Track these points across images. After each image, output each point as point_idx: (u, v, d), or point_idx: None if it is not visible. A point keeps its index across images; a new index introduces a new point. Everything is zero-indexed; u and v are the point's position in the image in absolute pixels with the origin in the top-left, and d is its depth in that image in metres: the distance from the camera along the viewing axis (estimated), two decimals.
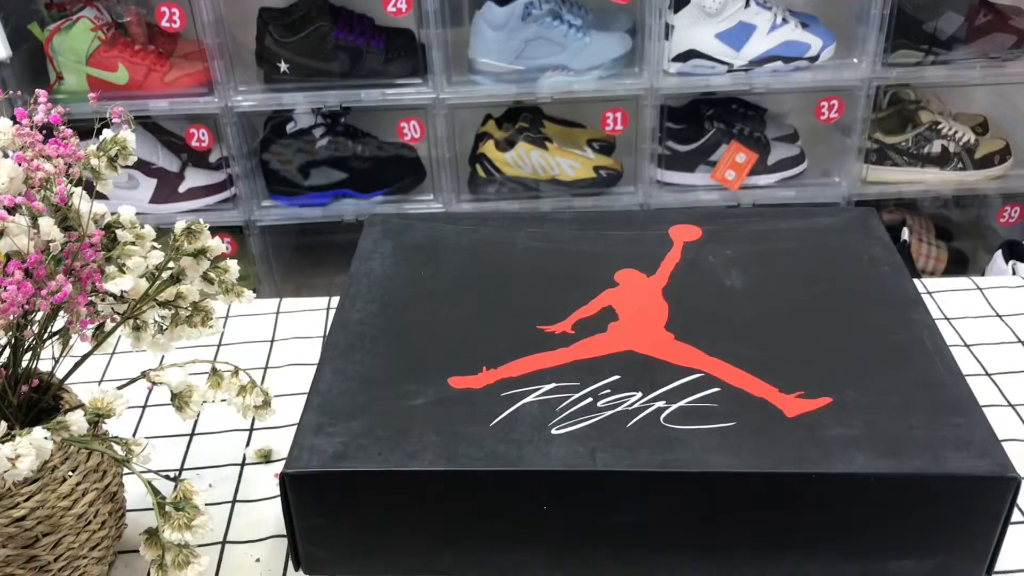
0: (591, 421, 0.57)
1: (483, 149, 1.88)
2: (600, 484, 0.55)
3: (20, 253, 0.55)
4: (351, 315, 0.68)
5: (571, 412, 0.58)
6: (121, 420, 0.72)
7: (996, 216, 2.00)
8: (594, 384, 0.60)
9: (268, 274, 2.00)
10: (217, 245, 0.64)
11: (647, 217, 0.84)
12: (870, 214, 0.77)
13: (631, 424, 0.57)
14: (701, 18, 1.73)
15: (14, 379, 0.61)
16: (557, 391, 0.59)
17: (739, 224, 0.76)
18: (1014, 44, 1.78)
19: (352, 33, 1.78)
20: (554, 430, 0.57)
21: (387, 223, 0.78)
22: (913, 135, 1.88)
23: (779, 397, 0.59)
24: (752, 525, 0.56)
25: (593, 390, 0.59)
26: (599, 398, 0.59)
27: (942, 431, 0.56)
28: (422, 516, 0.58)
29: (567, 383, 0.60)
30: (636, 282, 0.69)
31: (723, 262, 0.71)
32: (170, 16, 1.72)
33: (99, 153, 0.60)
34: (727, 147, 1.87)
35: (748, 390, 0.59)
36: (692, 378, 0.60)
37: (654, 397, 0.59)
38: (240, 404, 0.67)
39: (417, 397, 0.60)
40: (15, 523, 0.58)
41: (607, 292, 0.68)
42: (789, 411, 0.58)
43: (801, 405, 0.58)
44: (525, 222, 0.78)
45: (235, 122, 1.80)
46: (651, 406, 0.58)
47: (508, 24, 1.74)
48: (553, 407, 0.58)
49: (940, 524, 0.55)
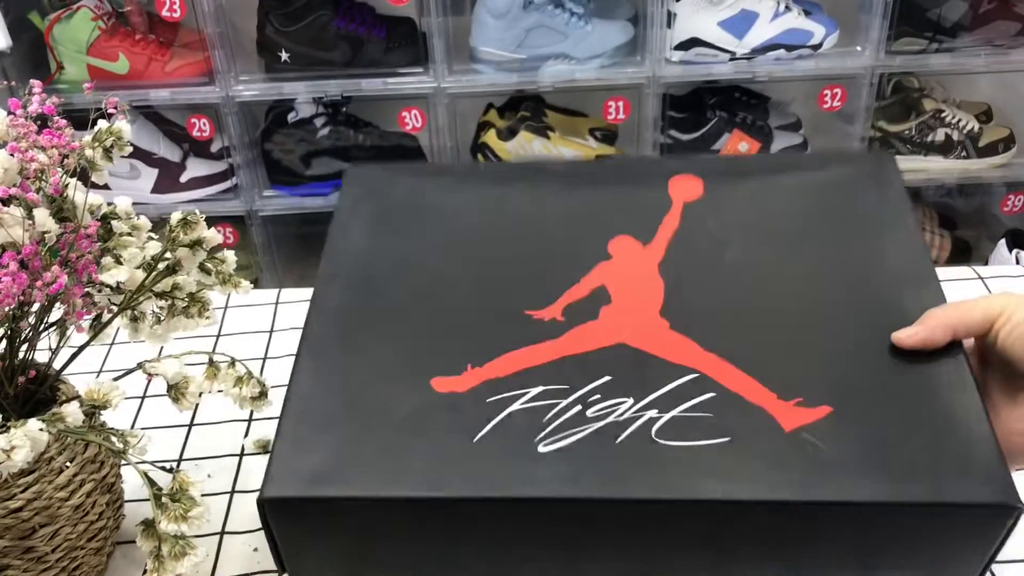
0: (580, 435, 0.55)
1: (485, 138, 1.88)
2: (588, 512, 0.54)
3: (15, 244, 0.55)
4: (329, 301, 0.65)
5: (559, 424, 0.56)
6: (120, 410, 0.73)
7: (1000, 205, 1.99)
8: (584, 387, 0.58)
9: (270, 264, 2.00)
10: (213, 236, 0.64)
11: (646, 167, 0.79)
12: (887, 160, 0.71)
13: (621, 439, 0.55)
14: (703, 6, 1.72)
15: (11, 370, 0.61)
16: (545, 395, 0.58)
17: (744, 179, 0.71)
18: (1019, 31, 1.77)
19: (353, 22, 1.78)
20: (541, 446, 0.55)
21: (367, 180, 0.74)
22: (916, 123, 1.88)
23: (777, 405, 0.56)
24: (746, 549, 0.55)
25: (582, 395, 0.57)
26: (588, 405, 0.57)
27: (945, 449, 0.54)
28: (405, 540, 0.57)
29: (555, 386, 0.58)
30: (631, 254, 0.66)
31: (723, 229, 0.67)
32: (170, 5, 1.71)
33: (94, 144, 0.60)
34: (729, 136, 1.86)
35: (745, 396, 0.57)
36: (686, 379, 0.58)
37: (646, 404, 0.57)
38: (237, 395, 0.67)
39: (399, 403, 0.58)
40: (12, 514, 0.58)
41: (600, 267, 0.65)
42: (787, 423, 0.56)
43: (799, 416, 0.56)
44: (517, 174, 0.74)
45: (236, 112, 1.80)
46: (642, 416, 0.56)
47: (509, 12, 1.73)
48: (540, 417, 0.56)
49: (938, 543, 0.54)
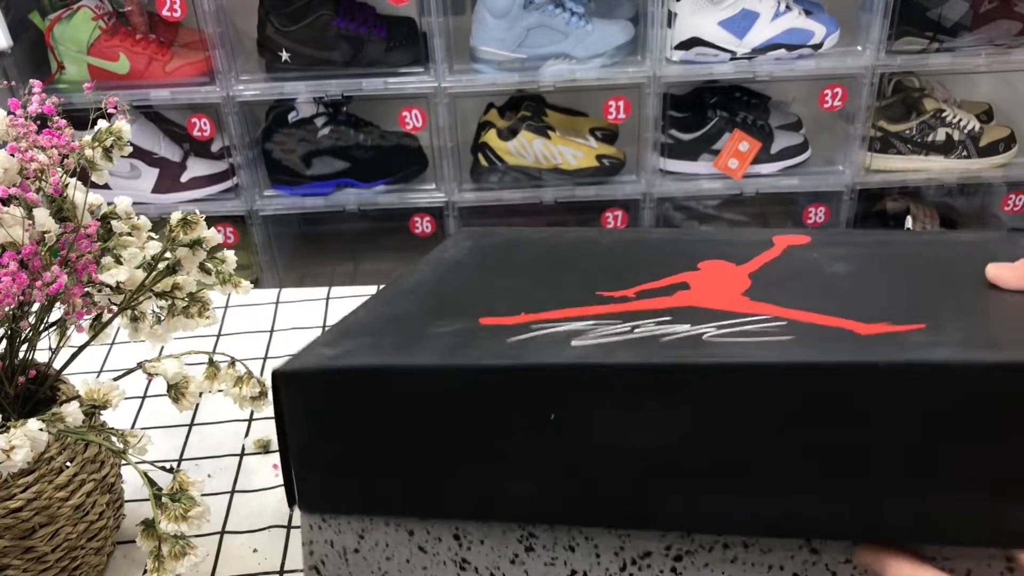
0: (620, 339, 0.49)
1: (485, 138, 1.88)
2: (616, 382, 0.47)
3: (15, 244, 0.55)
4: (404, 281, 0.63)
5: (600, 332, 0.50)
6: (120, 410, 0.72)
7: (1000, 204, 1.99)
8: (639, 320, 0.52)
9: (271, 263, 2.01)
10: (213, 235, 0.64)
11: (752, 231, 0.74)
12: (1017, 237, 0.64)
13: (666, 339, 0.48)
14: (704, 5, 1.72)
15: (11, 370, 0.61)
16: (594, 325, 0.52)
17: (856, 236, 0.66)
18: (1020, 31, 1.77)
19: (354, 22, 1.78)
20: (574, 342, 0.49)
21: (472, 233, 0.73)
22: (917, 123, 1.87)
23: (857, 326, 0.48)
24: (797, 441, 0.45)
25: (634, 324, 0.51)
26: (638, 328, 0.51)
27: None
28: (420, 427, 0.51)
29: (608, 321, 0.52)
30: (721, 268, 0.61)
31: (828, 258, 0.61)
32: (171, 5, 1.71)
33: (94, 144, 0.60)
34: (730, 136, 1.86)
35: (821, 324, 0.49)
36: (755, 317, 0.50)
37: (705, 328, 0.49)
38: (237, 395, 0.67)
39: (442, 328, 0.54)
40: (12, 514, 0.58)
41: (685, 273, 0.60)
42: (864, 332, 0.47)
43: (882, 329, 0.47)
44: (620, 231, 0.72)
45: (237, 111, 1.80)
46: (697, 330, 0.49)
47: (510, 12, 1.73)
48: (582, 331, 0.51)
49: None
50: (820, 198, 1.96)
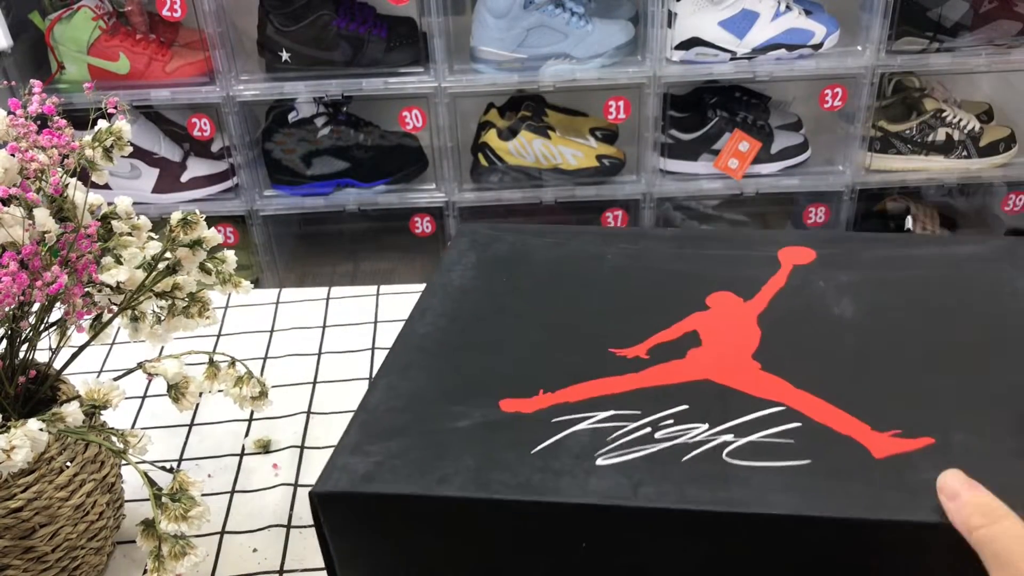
0: (643, 453, 0.50)
1: (485, 138, 1.88)
2: (642, 521, 0.49)
3: (15, 244, 0.55)
4: (417, 328, 0.63)
5: (623, 442, 0.51)
6: (120, 410, 0.72)
7: (1001, 204, 1.99)
8: (657, 413, 0.53)
9: (271, 263, 2.01)
10: (213, 235, 0.64)
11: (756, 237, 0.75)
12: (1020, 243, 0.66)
13: (688, 458, 0.50)
14: (704, 5, 1.72)
15: (11, 370, 0.61)
16: (614, 419, 0.53)
17: (862, 247, 0.67)
18: (1020, 31, 1.77)
19: (354, 22, 1.78)
20: (599, 460, 0.50)
21: (475, 235, 0.73)
22: (917, 123, 1.87)
23: (869, 435, 0.50)
24: None
25: (654, 420, 0.52)
26: (658, 428, 0.52)
27: None
28: (453, 545, 0.53)
29: (627, 411, 0.53)
30: (729, 306, 0.62)
31: (834, 289, 0.62)
32: (171, 5, 1.72)
33: (94, 144, 0.60)
34: (730, 136, 1.86)
35: (833, 427, 0.51)
36: (770, 411, 0.52)
37: (722, 430, 0.51)
38: (237, 395, 0.67)
39: (463, 419, 0.55)
40: (12, 514, 0.58)
41: (694, 316, 0.61)
42: (878, 451, 0.49)
43: (894, 445, 0.49)
44: (621, 238, 0.72)
45: (237, 111, 1.80)
46: (716, 439, 0.51)
47: (510, 12, 1.73)
48: (604, 436, 0.52)
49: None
50: (820, 198, 1.96)
